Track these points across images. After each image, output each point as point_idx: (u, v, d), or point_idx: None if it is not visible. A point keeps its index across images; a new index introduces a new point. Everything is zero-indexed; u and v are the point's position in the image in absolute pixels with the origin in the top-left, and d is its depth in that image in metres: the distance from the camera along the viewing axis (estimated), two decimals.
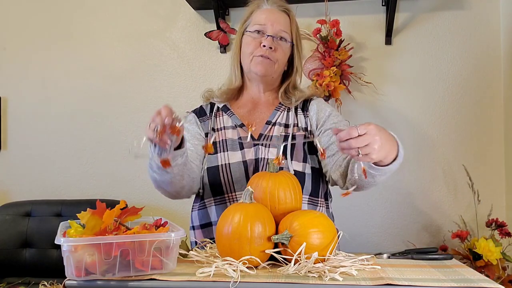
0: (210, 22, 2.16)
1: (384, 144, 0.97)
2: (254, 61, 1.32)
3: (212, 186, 1.28)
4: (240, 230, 0.93)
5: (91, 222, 0.89)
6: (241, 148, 1.30)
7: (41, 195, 2.21)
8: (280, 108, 1.38)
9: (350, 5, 2.06)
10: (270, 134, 1.32)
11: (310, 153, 1.31)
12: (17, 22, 2.32)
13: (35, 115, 2.29)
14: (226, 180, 1.27)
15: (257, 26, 1.33)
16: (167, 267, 0.89)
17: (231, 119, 1.37)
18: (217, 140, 1.33)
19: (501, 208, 1.96)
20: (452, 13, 2.02)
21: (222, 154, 1.30)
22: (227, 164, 1.28)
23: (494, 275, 1.70)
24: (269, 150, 1.28)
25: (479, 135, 1.99)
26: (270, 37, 1.31)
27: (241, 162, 1.27)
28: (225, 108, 1.40)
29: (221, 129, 1.36)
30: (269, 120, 1.35)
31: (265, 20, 1.33)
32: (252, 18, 1.36)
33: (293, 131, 1.32)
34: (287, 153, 1.27)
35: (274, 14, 1.34)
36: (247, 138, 1.29)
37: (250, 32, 1.34)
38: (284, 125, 1.34)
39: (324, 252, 0.94)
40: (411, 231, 2.02)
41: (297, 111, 1.38)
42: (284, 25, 1.34)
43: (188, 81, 2.20)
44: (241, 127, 1.35)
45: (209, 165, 1.30)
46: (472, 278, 0.88)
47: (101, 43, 2.26)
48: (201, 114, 1.42)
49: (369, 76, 2.04)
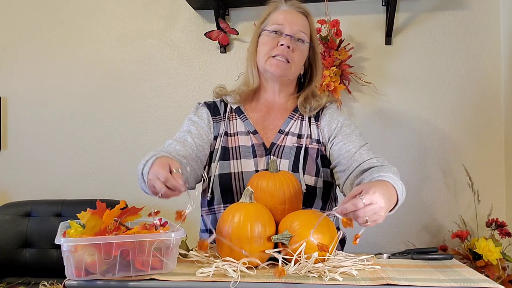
0: (210, 22, 2.16)
1: (388, 206, 0.96)
2: (270, 61, 1.29)
3: (223, 193, 1.26)
4: (240, 230, 0.93)
5: (91, 222, 0.89)
6: (254, 156, 1.28)
7: (41, 195, 2.21)
8: (293, 116, 1.34)
9: (350, 5, 2.06)
10: (282, 144, 1.29)
11: (323, 166, 1.29)
12: (17, 22, 2.32)
13: (35, 115, 2.29)
14: (238, 188, 1.25)
15: (275, 26, 1.30)
16: (167, 267, 0.89)
17: (244, 124, 1.34)
18: (230, 146, 1.31)
19: (501, 208, 1.96)
20: (452, 13, 2.02)
21: (235, 162, 1.27)
22: (240, 172, 1.26)
23: (494, 275, 1.70)
24: (281, 161, 1.26)
25: (479, 135, 1.99)
26: (288, 36, 1.28)
27: (254, 172, 1.25)
28: (239, 110, 1.36)
29: (234, 134, 1.33)
30: (282, 129, 1.32)
31: (283, 20, 1.30)
32: (270, 18, 1.33)
33: (306, 143, 1.29)
34: (299, 166, 1.24)
35: (293, 15, 1.32)
36: (260, 146, 1.28)
37: (268, 32, 1.31)
38: (297, 136, 1.31)
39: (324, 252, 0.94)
40: (411, 231, 2.02)
41: (311, 120, 1.35)
42: (302, 26, 1.31)
43: (188, 81, 2.20)
44: (254, 134, 1.32)
45: (221, 171, 1.27)
46: (472, 278, 0.88)
47: (101, 43, 2.26)
48: (216, 112, 1.38)
49: (369, 76, 2.04)
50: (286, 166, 1.25)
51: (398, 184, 1.05)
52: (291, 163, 1.25)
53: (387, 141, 2.04)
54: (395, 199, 1.03)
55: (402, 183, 1.08)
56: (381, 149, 1.98)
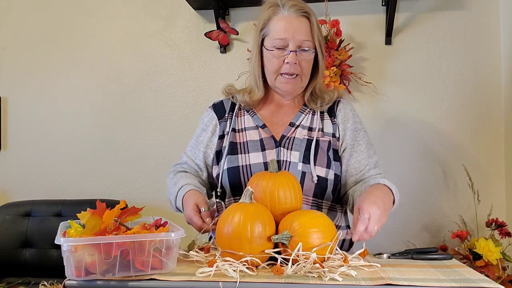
0: (210, 22, 2.16)
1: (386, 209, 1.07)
2: (280, 79, 1.28)
3: (232, 187, 1.27)
4: (240, 230, 0.93)
5: (91, 222, 0.89)
6: (262, 150, 1.28)
7: (41, 195, 2.21)
8: (304, 111, 1.34)
9: (350, 5, 2.06)
10: (292, 136, 1.29)
11: (334, 160, 1.28)
12: (17, 22, 2.32)
13: (35, 115, 2.29)
14: (247, 181, 1.23)
15: (277, 41, 1.25)
16: (167, 267, 0.89)
17: (253, 119, 1.34)
18: (238, 141, 1.31)
19: (501, 208, 1.96)
20: (452, 13, 2.02)
21: (243, 156, 1.28)
22: (248, 165, 1.26)
23: (494, 275, 1.70)
24: (291, 153, 1.26)
25: (479, 135, 1.99)
26: (293, 53, 1.24)
27: (262, 163, 1.25)
28: (248, 106, 1.37)
29: (242, 130, 1.33)
30: (293, 122, 1.32)
31: (284, 33, 1.24)
32: (270, 27, 1.27)
33: (317, 136, 1.28)
34: (310, 158, 1.24)
35: (293, 23, 1.25)
36: (269, 139, 1.29)
37: (271, 50, 1.27)
38: (308, 128, 1.30)
39: (324, 252, 0.94)
40: (411, 231, 2.02)
41: (323, 115, 1.34)
42: (305, 33, 1.26)
43: (188, 81, 2.20)
44: (263, 128, 1.32)
45: (229, 165, 1.28)
46: (472, 278, 0.88)
47: (101, 43, 2.26)
48: (221, 113, 1.38)
49: (369, 76, 2.04)
50: (297, 158, 1.24)
51: (386, 181, 1.18)
52: (301, 155, 1.25)
53: (387, 141, 2.04)
54: (388, 191, 1.15)
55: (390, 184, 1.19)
56: (381, 149, 1.98)
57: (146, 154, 2.21)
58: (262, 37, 1.30)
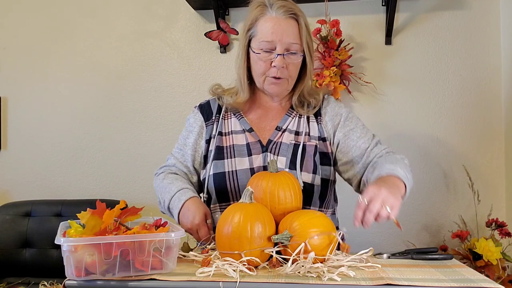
0: (210, 22, 2.16)
1: (391, 190, 1.02)
2: (268, 81, 1.26)
3: (218, 193, 1.26)
4: (240, 230, 0.93)
5: (91, 222, 0.89)
6: (249, 155, 1.26)
7: (41, 195, 2.21)
8: (291, 114, 1.33)
9: (350, 5, 2.06)
10: (279, 141, 1.28)
11: (321, 164, 1.27)
12: (17, 22, 2.32)
13: (35, 115, 2.29)
14: (233, 187, 1.23)
15: (264, 43, 1.22)
16: (167, 267, 0.89)
17: (240, 123, 1.32)
18: (224, 145, 1.30)
19: (501, 208, 1.96)
20: (452, 13, 2.02)
21: (229, 161, 1.26)
22: (234, 171, 1.24)
23: (494, 275, 1.70)
24: (278, 158, 1.24)
25: (479, 135, 1.99)
26: (280, 56, 1.21)
27: (249, 170, 1.24)
28: (234, 109, 1.35)
29: (229, 133, 1.31)
30: (279, 126, 1.30)
31: (272, 35, 1.21)
32: (257, 28, 1.24)
33: (304, 140, 1.27)
34: (296, 163, 1.23)
35: (281, 25, 1.21)
36: (256, 144, 1.27)
37: (258, 53, 1.24)
38: (294, 132, 1.29)
39: (324, 252, 0.94)
40: (411, 231, 2.02)
41: (309, 118, 1.32)
42: (293, 36, 1.22)
43: (188, 81, 2.20)
44: (249, 132, 1.30)
45: (215, 171, 1.26)
46: (472, 278, 0.88)
47: (101, 43, 2.26)
48: (208, 115, 1.36)
49: (369, 76, 2.04)
50: (283, 163, 1.23)
51: (397, 169, 1.11)
52: (288, 160, 1.24)
53: (386, 141, 2.01)
54: (400, 182, 1.10)
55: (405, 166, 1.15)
56: None
57: (146, 154, 2.21)
58: (248, 38, 1.27)
